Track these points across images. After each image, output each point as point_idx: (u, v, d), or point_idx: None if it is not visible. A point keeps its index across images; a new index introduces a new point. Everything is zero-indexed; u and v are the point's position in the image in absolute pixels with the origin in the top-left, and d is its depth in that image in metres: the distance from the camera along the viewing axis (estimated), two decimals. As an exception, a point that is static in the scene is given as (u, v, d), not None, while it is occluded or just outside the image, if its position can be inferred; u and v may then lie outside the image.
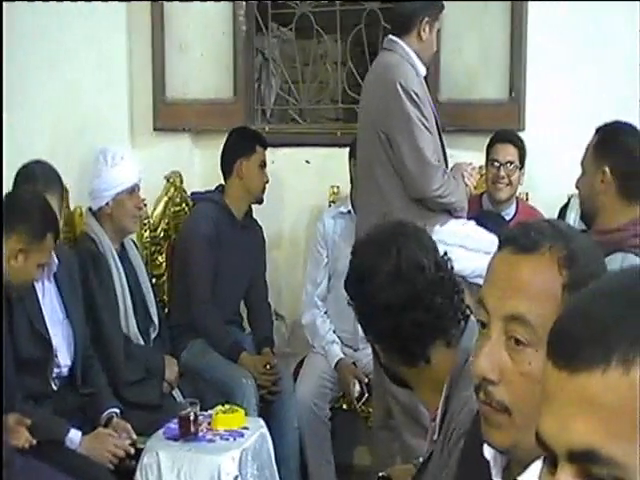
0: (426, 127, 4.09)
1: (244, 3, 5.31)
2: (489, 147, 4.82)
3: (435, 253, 2.38)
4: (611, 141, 3.63)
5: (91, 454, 3.68)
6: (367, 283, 2.29)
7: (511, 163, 4.74)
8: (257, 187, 4.83)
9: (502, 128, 4.93)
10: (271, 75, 5.82)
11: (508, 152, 4.77)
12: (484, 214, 4.56)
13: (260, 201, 4.90)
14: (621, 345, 0.95)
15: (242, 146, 4.82)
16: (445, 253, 2.42)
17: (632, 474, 0.93)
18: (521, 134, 4.94)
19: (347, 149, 4.82)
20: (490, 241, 3.05)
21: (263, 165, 4.84)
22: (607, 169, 3.48)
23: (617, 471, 0.94)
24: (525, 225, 1.56)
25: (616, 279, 1.08)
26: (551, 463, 1.00)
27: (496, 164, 4.73)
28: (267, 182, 4.87)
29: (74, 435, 3.67)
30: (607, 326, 0.98)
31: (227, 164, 4.84)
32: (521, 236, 1.50)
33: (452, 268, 2.41)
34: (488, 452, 1.53)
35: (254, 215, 4.99)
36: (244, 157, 4.78)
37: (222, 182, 4.93)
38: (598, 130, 3.65)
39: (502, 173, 4.73)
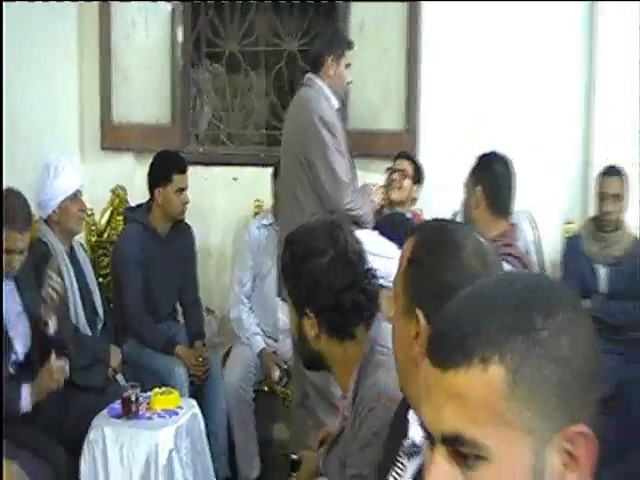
0: (339, 151, 4.19)
1: (181, 41, 5.39)
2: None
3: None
4: (484, 167, 3.87)
5: (42, 389, 3.68)
6: (312, 264, 2.32)
7: (402, 171, 4.99)
8: (175, 211, 4.80)
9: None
10: (204, 104, 5.84)
11: (403, 164, 5.02)
12: (387, 217, 4.67)
13: (181, 219, 4.90)
14: (481, 347, 1.00)
15: (160, 175, 4.78)
16: None
17: (490, 453, 0.99)
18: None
19: (270, 169, 4.88)
20: (389, 247, 3.15)
21: (181, 190, 4.78)
22: (479, 189, 3.71)
23: (479, 451, 0.99)
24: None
25: (483, 287, 1.11)
26: (431, 443, 1.05)
27: (394, 172, 5.00)
28: (186, 203, 4.82)
29: (24, 389, 3.64)
30: (470, 331, 1.02)
31: (149, 189, 4.82)
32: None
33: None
34: None
35: (188, 220, 4.99)
36: (161, 186, 4.75)
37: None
38: (477, 158, 3.88)
39: (395, 177, 4.98)
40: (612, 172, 4.89)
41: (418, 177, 5.05)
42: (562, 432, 1.00)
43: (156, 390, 3.98)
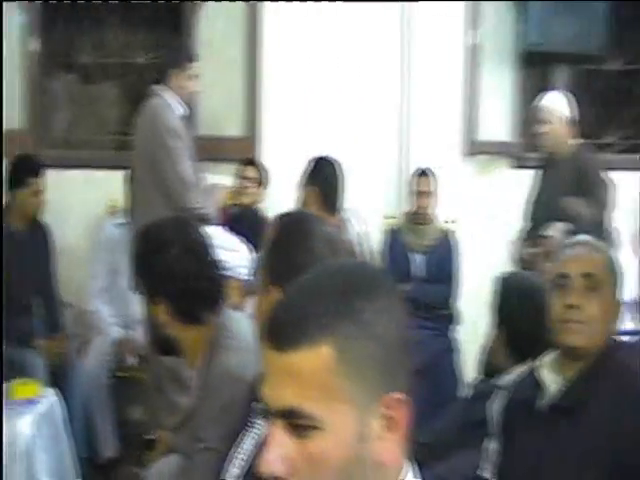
0: (184, 156, 4.21)
1: (36, 51, 5.26)
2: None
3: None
4: (317, 169, 3.98)
5: None
6: (163, 255, 2.30)
7: (250, 178, 5.04)
8: (31, 212, 4.71)
9: (243, 158, 5.16)
10: (60, 111, 5.73)
11: (250, 170, 5.08)
12: (236, 215, 4.71)
13: (38, 220, 4.78)
14: (312, 330, 1.01)
15: (16, 178, 4.66)
16: None
17: (322, 423, 1.00)
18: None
19: (123, 172, 4.83)
20: (235, 241, 3.18)
21: (37, 192, 4.67)
22: (313, 189, 3.84)
23: (312, 422, 1.01)
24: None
25: (314, 275, 1.12)
26: (271, 418, 1.05)
27: (243, 179, 5.04)
28: (42, 205, 4.72)
29: None
30: (302, 315, 1.03)
31: (7, 191, 4.69)
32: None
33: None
34: None
35: (46, 221, 4.87)
36: (18, 188, 4.63)
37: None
38: (310, 161, 3.99)
39: (243, 183, 5.03)
40: (423, 173, 5.08)
41: (263, 181, 5.10)
42: (382, 400, 1.03)
43: (17, 380, 3.88)
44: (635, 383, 2.11)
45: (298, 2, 5.21)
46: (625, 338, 4.28)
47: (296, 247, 1.92)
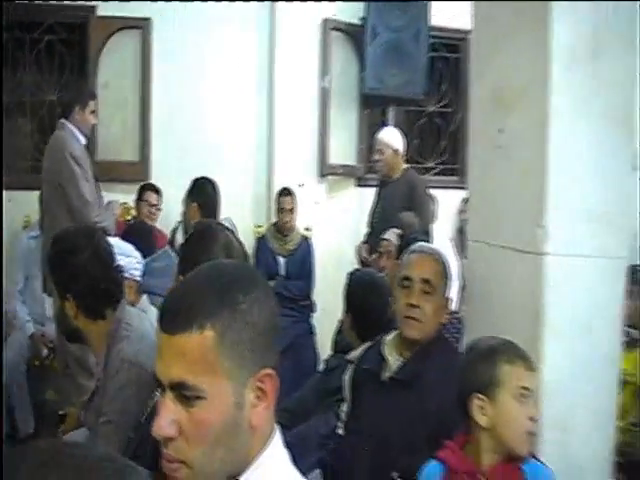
0: (86, 178, 4.12)
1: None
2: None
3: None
4: (197, 188, 4.00)
5: None
6: (74, 258, 2.22)
7: (149, 202, 4.94)
8: None
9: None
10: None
11: (150, 195, 4.97)
12: (131, 227, 4.64)
13: None
14: (198, 317, 1.02)
15: None
16: None
17: (205, 393, 1.01)
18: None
19: (37, 192, 4.67)
20: (131, 249, 3.13)
21: None
22: (195, 205, 3.86)
23: (197, 393, 1.01)
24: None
25: (202, 271, 1.11)
26: (163, 390, 1.04)
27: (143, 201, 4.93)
28: None
29: None
30: (190, 304, 1.03)
31: None
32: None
33: None
34: None
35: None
36: None
37: None
38: (192, 181, 4.01)
39: (146, 209, 4.92)
40: (285, 192, 5.11)
41: (160, 203, 5.03)
42: (255, 374, 1.05)
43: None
44: (456, 361, 2.18)
45: (183, 48, 5.20)
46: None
47: (198, 248, 1.99)
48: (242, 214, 5.22)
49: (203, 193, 4.23)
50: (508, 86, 2.23)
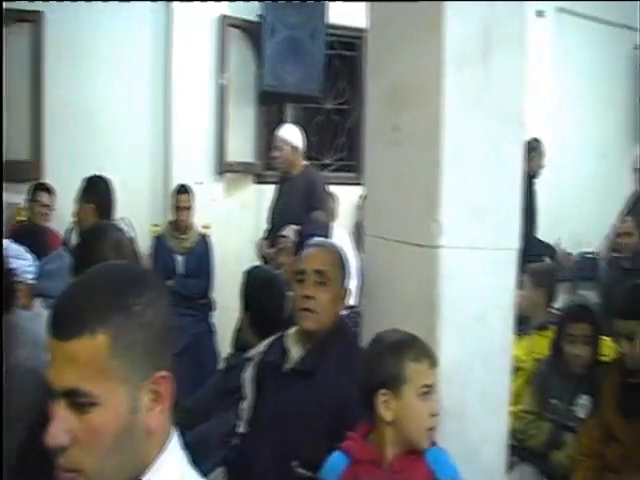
0: None
1: None
2: None
3: None
4: (92, 187, 3.89)
5: None
6: None
7: (41, 202, 4.77)
8: None
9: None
10: None
11: (42, 195, 4.79)
12: (24, 227, 4.47)
13: None
14: (90, 321, 1.00)
15: None
16: None
17: (99, 399, 0.99)
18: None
19: None
20: (21, 250, 3.03)
21: None
22: (90, 205, 3.76)
23: (91, 399, 0.99)
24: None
25: (92, 274, 1.08)
26: (56, 398, 1.01)
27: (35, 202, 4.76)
28: None
29: None
30: (81, 309, 1.01)
31: None
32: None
33: None
34: None
35: None
36: None
37: None
38: (84, 179, 3.90)
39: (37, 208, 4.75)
40: (182, 190, 5.05)
41: (52, 203, 4.83)
42: (150, 377, 1.03)
43: None
44: (356, 351, 2.25)
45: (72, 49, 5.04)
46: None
47: (89, 249, 1.95)
48: (139, 213, 5.10)
49: (97, 192, 4.11)
50: (403, 84, 2.28)
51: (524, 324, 3.52)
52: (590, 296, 5.42)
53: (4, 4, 4.44)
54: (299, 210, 4.72)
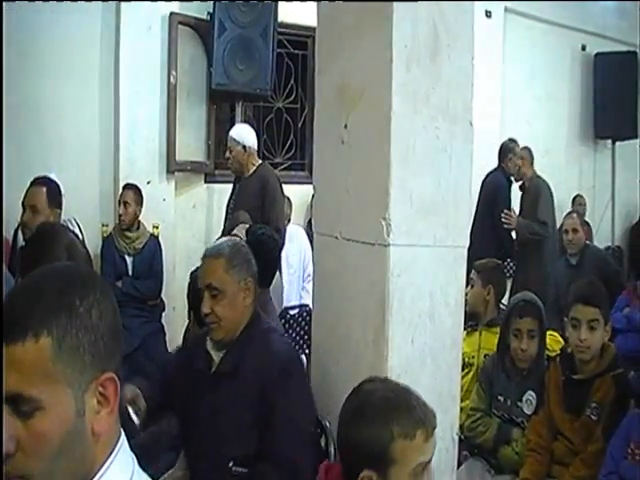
0: None
1: None
2: None
3: None
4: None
5: None
6: None
7: None
8: None
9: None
10: None
11: None
12: None
13: None
14: (33, 324, 0.98)
15: None
16: None
17: (44, 403, 0.97)
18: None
19: None
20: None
21: None
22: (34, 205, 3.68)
23: (35, 404, 0.97)
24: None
25: (35, 277, 1.06)
26: (4, 404, 0.98)
27: None
28: None
29: None
30: (24, 312, 0.99)
31: None
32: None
33: None
34: None
35: None
36: None
37: None
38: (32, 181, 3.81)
39: None
40: (128, 186, 4.99)
41: None
42: (96, 380, 1.01)
43: None
44: (271, 344, 2.31)
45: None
46: (293, 311, 4.56)
47: (38, 251, 1.94)
48: (88, 213, 5.06)
49: (45, 193, 4.03)
50: (352, 83, 2.30)
51: (473, 320, 3.58)
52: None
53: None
54: (253, 210, 4.72)
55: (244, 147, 4.94)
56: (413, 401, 1.61)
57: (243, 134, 5.00)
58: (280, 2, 5.66)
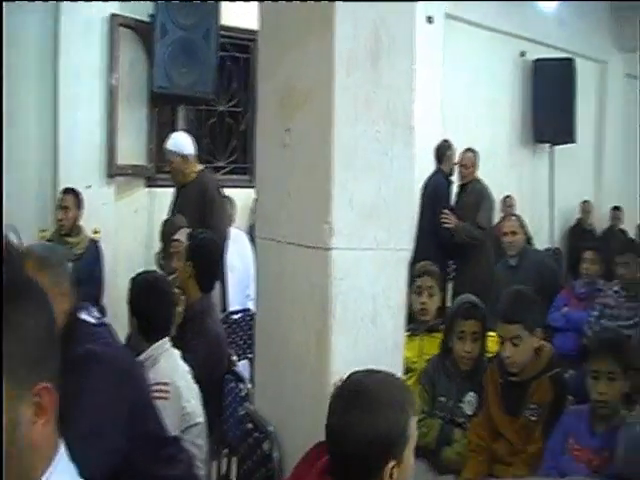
0: None
1: None
2: None
3: None
4: None
5: None
6: None
7: None
8: None
9: None
10: None
11: None
12: None
13: None
14: None
15: None
16: None
17: None
18: None
19: None
20: None
21: None
22: None
23: None
24: None
25: None
26: None
27: None
28: None
29: None
30: None
31: None
32: None
33: None
34: None
35: None
36: None
37: None
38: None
39: None
40: (66, 190, 4.92)
41: None
42: (31, 390, 1.00)
43: None
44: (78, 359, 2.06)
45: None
46: (236, 316, 4.54)
47: None
48: (26, 218, 4.97)
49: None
50: (294, 87, 2.30)
51: (414, 324, 3.60)
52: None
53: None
54: (194, 216, 4.70)
55: (183, 156, 4.90)
56: (400, 380, 1.67)
57: (180, 143, 4.95)
58: (223, 5, 5.63)
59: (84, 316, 2.20)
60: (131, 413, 2.07)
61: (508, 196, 7.90)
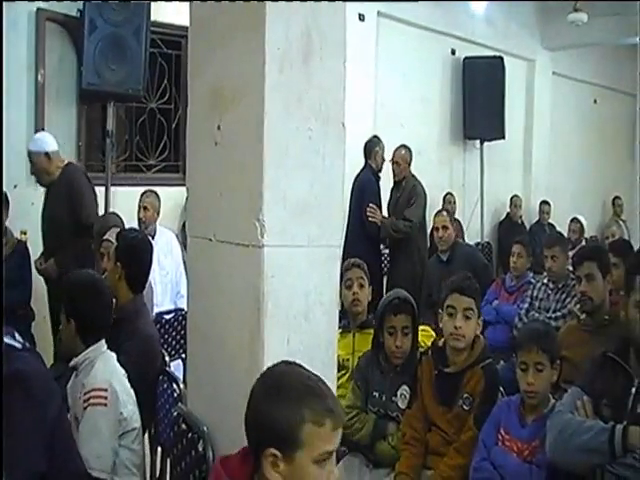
0: None
1: None
2: None
3: None
4: None
5: None
6: None
7: None
8: None
9: None
10: None
11: None
12: None
13: None
14: None
15: None
16: None
17: None
18: None
19: None
20: None
21: None
22: None
23: None
24: None
25: None
26: None
27: None
28: None
29: None
30: None
31: None
32: None
33: None
34: None
35: None
36: None
37: None
38: None
39: None
40: None
41: None
42: None
43: None
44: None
45: None
46: (168, 316, 4.50)
47: None
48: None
49: None
50: (225, 84, 2.29)
51: (346, 320, 3.63)
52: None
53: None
54: (63, 213, 4.65)
55: (46, 154, 4.82)
56: (326, 390, 1.64)
57: (41, 143, 4.87)
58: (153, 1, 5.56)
59: (8, 340, 2.14)
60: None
61: (449, 193, 8.03)
